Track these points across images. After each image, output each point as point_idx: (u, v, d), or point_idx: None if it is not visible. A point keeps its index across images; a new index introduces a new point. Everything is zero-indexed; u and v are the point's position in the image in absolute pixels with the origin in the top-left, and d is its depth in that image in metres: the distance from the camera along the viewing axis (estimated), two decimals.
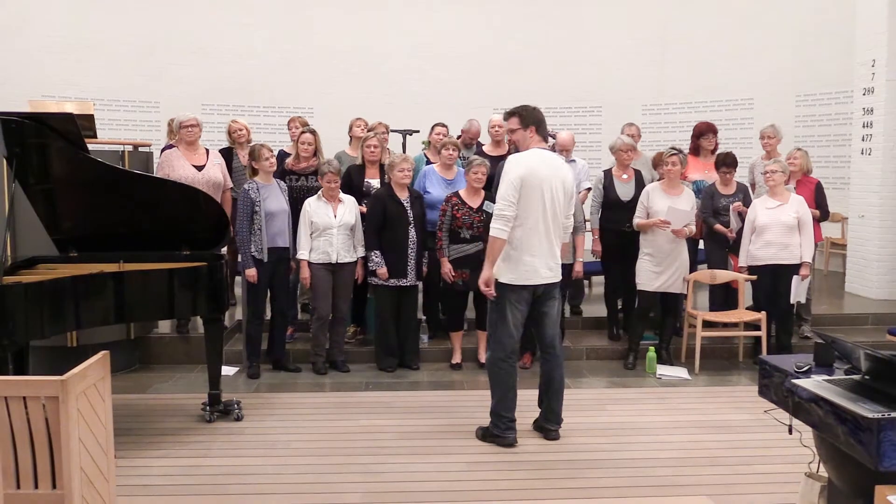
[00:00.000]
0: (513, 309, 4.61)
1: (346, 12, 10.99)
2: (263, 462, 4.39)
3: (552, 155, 4.75)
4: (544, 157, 4.61)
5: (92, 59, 10.12)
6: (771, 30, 10.24)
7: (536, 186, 4.50)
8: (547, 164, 4.59)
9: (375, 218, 6.02)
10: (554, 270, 4.64)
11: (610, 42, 11.06)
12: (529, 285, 4.59)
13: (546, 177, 4.53)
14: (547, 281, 4.61)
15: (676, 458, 4.47)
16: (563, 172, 4.66)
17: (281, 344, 6.21)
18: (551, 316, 4.72)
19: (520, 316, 4.64)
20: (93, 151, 4.74)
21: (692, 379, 6.10)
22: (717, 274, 6.53)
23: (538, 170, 4.53)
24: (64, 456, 3.11)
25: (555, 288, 4.70)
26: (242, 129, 6.93)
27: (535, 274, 4.57)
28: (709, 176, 6.89)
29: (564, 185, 4.63)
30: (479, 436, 4.77)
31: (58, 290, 4.25)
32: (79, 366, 3.26)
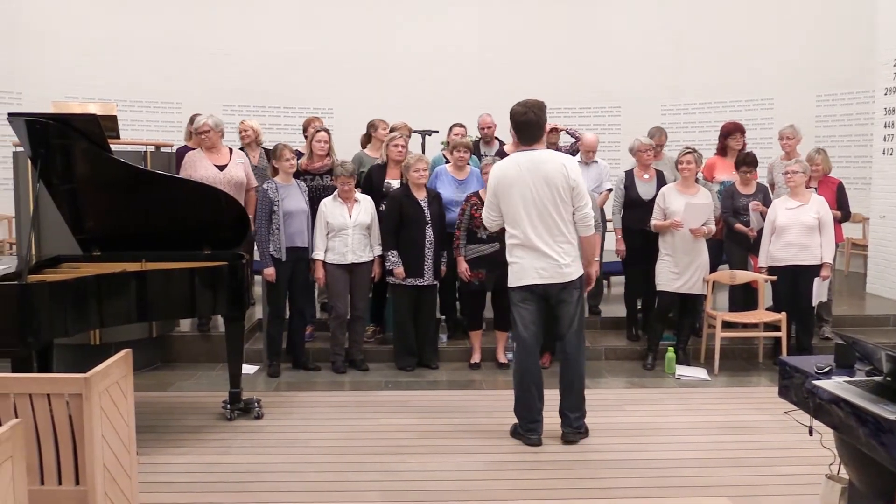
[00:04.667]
0: (518, 309, 4.66)
1: (365, 13, 11.02)
2: (283, 460, 4.42)
3: (532, 153, 4.55)
4: (519, 159, 4.56)
5: (115, 61, 10.22)
6: (791, 28, 10.15)
7: (507, 191, 4.51)
8: (522, 165, 4.52)
9: (392, 218, 6.03)
10: (551, 272, 4.52)
11: (628, 42, 11.01)
12: (523, 286, 4.59)
13: (516, 179, 4.49)
14: (543, 282, 4.54)
15: (696, 459, 4.45)
16: (544, 168, 4.47)
17: (300, 343, 6.24)
18: (562, 319, 4.66)
19: (527, 315, 4.63)
20: (115, 152, 4.79)
21: (711, 380, 6.07)
22: (736, 274, 6.49)
23: (507, 174, 4.53)
24: (87, 452, 3.14)
25: (562, 290, 4.58)
26: (248, 131, 6.95)
27: (525, 275, 4.56)
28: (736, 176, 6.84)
29: (549, 180, 4.45)
30: (511, 432, 4.79)
31: (81, 289, 4.30)
32: (102, 364, 3.29)
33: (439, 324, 6.58)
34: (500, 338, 6.33)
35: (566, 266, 4.54)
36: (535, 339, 4.69)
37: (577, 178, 4.53)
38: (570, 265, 4.56)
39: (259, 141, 7.03)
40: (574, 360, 4.70)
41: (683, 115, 10.94)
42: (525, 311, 4.63)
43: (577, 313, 4.66)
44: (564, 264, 4.53)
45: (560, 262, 4.52)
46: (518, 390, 4.73)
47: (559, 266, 4.52)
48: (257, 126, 7.08)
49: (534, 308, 4.63)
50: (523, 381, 4.70)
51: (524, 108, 4.60)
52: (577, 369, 4.72)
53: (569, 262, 4.55)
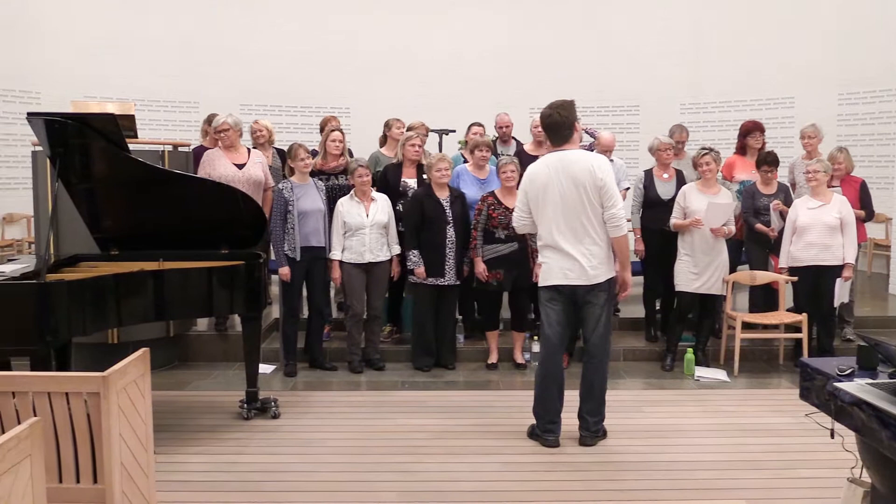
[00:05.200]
0: (545, 307, 4.66)
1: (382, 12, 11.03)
2: (299, 459, 4.42)
3: (562, 154, 4.52)
4: (548, 160, 4.55)
5: (132, 61, 10.29)
6: (812, 26, 10.06)
7: (537, 192, 4.53)
8: (551, 165, 4.51)
9: (413, 217, 6.02)
10: (578, 273, 4.49)
11: (646, 40, 10.95)
12: (551, 287, 4.58)
13: (545, 180, 4.48)
14: (571, 283, 4.52)
15: (715, 462, 4.41)
16: (572, 169, 4.43)
17: (317, 342, 6.24)
18: (588, 320, 4.63)
19: (554, 315, 4.62)
20: (133, 151, 4.81)
21: (731, 381, 6.01)
22: (757, 275, 6.43)
23: (537, 176, 4.54)
24: (105, 451, 3.15)
25: (588, 292, 4.55)
26: (263, 130, 6.96)
27: (552, 275, 4.56)
28: (755, 176, 6.77)
29: (576, 180, 4.42)
30: (528, 433, 4.78)
31: (99, 288, 4.31)
32: (120, 363, 3.30)
33: (457, 324, 6.56)
34: (517, 338, 6.31)
35: (592, 268, 4.50)
36: (559, 339, 4.68)
37: (606, 177, 4.46)
38: (597, 267, 4.51)
39: (271, 140, 7.03)
40: (597, 363, 4.67)
41: (703, 114, 10.86)
42: (551, 310, 4.63)
43: (603, 316, 4.62)
44: (590, 266, 4.49)
45: (585, 265, 4.48)
46: (539, 389, 4.72)
47: (585, 268, 4.49)
48: (270, 125, 7.09)
49: (560, 308, 4.62)
50: (545, 380, 4.68)
51: (550, 110, 4.59)
52: (600, 373, 4.69)
53: (595, 264, 4.50)
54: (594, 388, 4.68)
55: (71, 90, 8.98)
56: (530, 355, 6.36)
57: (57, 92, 9.36)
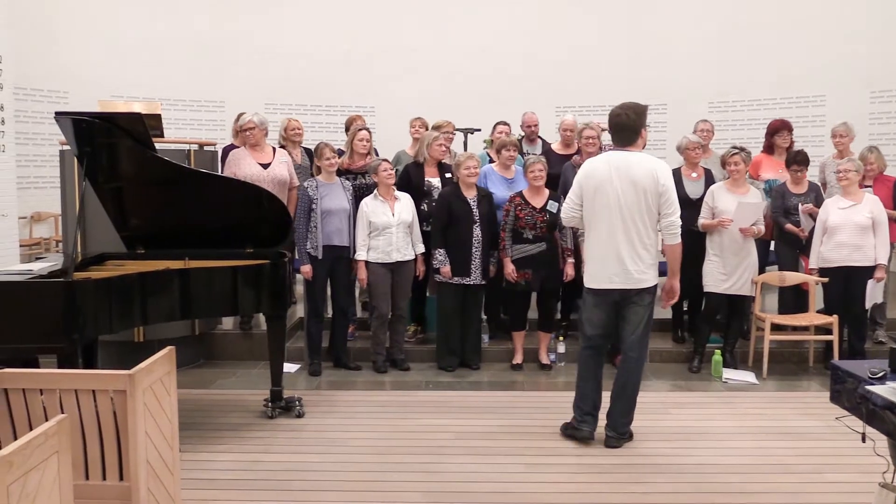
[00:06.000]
0: (588, 309, 4.64)
1: (407, 11, 11.02)
2: (323, 459, 4.42)
3: (625, 155, 4.48)
4: (610, 158, 4.51)
5: (159, 60, 10.36)
6: (843, 22, 9.90)
7: (593, 190, 4.46)
8: (611, 165, 4.46)
9: (441, 216, 6.01)
10: (623, 278, 4.45)
11: (673, 37, 10.83)
12: (599, 289, 4.54)
13: (605, 179, 4.43)
14: (617, 287, 4.48)
15: (743, 465, 4.35)
16: (633, 172, 4.41)
17: (341, 342, 6.25)
18: (630, 322, 4.57)
19: (595, 317, 4.61)
20: (160, 150, 4.83)
21: (760, 384, 5.93)
22: (786, 276, 6.34)
23: (596, 172, 4.48)
24: (131, 448, 3.17)
25: (636, 295, 4.50)
26: (299, 129, 6.97)
27: (599, 279, 4.52)
28: (782, 175, 6.70)
29: (637, 183, 4.38)
30: (561, 429, 4.77)
31: (126, 287, 4.35)
32: (146, 361, 3.32)
33: (482, 324, 6.54)
34: (543, 339, 6.27)
35: (639, 272, 4.45)
36: (601, 340, 4.68)
37: (668, 183, 4.44)
38: (644, 272, 4.47)
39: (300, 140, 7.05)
40: (633, 365, 4.63)
41: (731, 113, 10.71)
42: (594, 312, 4.62)
43: (645, 319, 4.59)
44: (637, 271, 4.45)
45: (632, 269, 4.44)
46: (578, 380, 4.73)
47: (631, 272, 4.45)
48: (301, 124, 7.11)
49: (603, 312, 4.60)
50: (584, 372, 4.69)
51: (620, 110, 4.55)
52: (634, 376, 4.64)
53: (643, 268, 4.46)
54: (627, 389, 4.64)
55: (98, 90, 9.05)
56: (556, 356, 6.32)
57: (84, 91, 9.44)
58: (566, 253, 6.06)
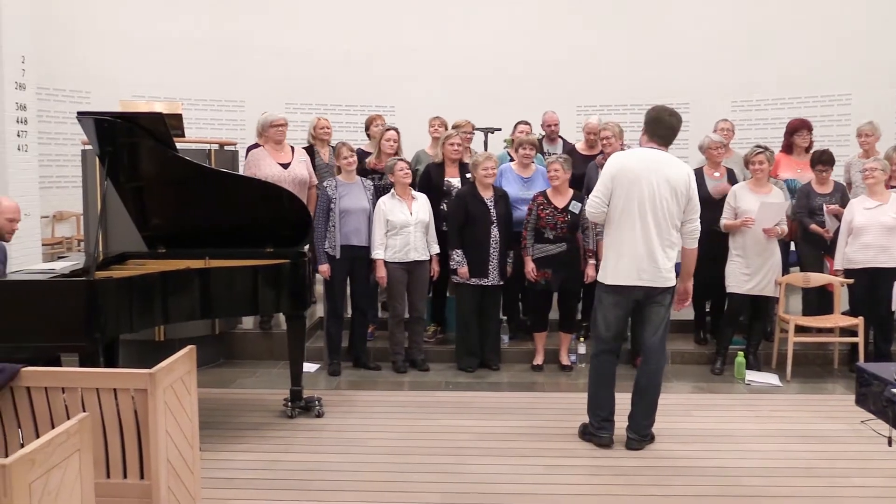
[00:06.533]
0: (606, 308, 4.57)
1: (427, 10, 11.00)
2: (343, 459, 4.41)
3: (658, 153, 4.47)
4: (644, 155, 4.47)
5: (180, 60, 10.40)
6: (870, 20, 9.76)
7: (627, 184, 4.39)
8: (646, 161, 4.42)
9: (457, 217, 5.98)
10: (652, 275, 4.41)
11: (696, 35, 10.71)
12: (622, 286, 4.48)
13: (641, 174, 4.38)
14: (643, 285, 4.44)
15: (766, 469, 4.29)
16: (668, 171, 4.40)
17: (361, 342, 6.24)
18: (652, 322, 4.55)
19: (613, 316, 4.56)
20: (181, 150, 4.84)
21: (783, 386, 5.87)
22: (811, 277, 6.27)
23: (632, 167, 4.42)
24: (152, 447, 3.18)
25: (659, 294, 4.48)
26: (328, 128, 6.96)
27: (627, 276, 4.45)
28: (801, 175, 6.63)
29: (671, 184, 4.37)
30: (579, 433, 4.74)
31: (147, 286, 4.36)
32: (166, 360, 3.33)
33: (501, 324, 6.51)
34: (563, 339, 6.24)
35: (668, 271, 4.46)
36: (615, 340, 4.64)
37: (695, 189, 4.51)
38: (671, 270, 4.48)
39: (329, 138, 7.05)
40: (655, 366, 4.60)
41: (755, 112, 10.59)
42: (612, 313, 4.56)
43: (666, 320, 4.57)
44: (667, 269, 4.45)
45: (662, 267, 4.43)
46: (593, 387, 4.67)
47: (660, 270, 4.43)
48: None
49: (621, 311, 4.57)
50: (598, 377, 4.63)
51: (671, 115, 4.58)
52: (655, 377, 4.61)
53: (670, 267, 4.47)
54: (649, 392, 4.60)
55: (120, 89, 9.12)
56: (576, 357, 6.28)
57: (106, 91, 9.50)
58: (588, 254, 6.01)
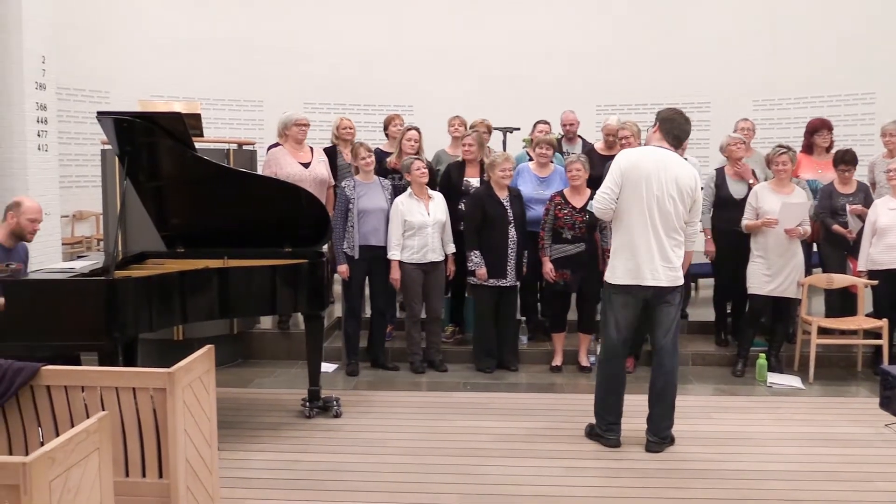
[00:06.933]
0: (616, 309, 4.53)
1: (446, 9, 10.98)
2: (361, 459, 4.39)
3: (668, 153, 4.45)
4: (655, 154, 4.44)
5: (198, 60, 10.45)
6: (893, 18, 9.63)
7: (637, 181, 4.36)
8: (656, 160, 4.39)
9: (475, 218, 5.95)
10: (662, 274, 4.39)
11: (717, 33, 10.62)
12: (632, 286, 4.44)
13: (651, 172, 4.35)
14: (653, 284, 4.41)
15: (788, 472, 4.24)
16: (677, 171, 4.38)
17: (379, 342, 6.23)
18: (663, 323, 4.52)
19: (622, 318, 4.52)
20: (199, 150, 4.84)
21: (806, 388, 5.79)
22: (834, 278, 6.19)
23: (641, 163, 4.38)
24: (170, 446, 3.17)
25: (668, 293, 4.45)
26: (351, 128, 6.95)
27: (637, 276, 4.41)
28: (822, 175, 6.56)
29: (679, 184, 4.36)
30: (586, 432, 4.71)
31: (165, 285, 4.37)
32: (185, 359, 3.32)
33: (520, 325, 6.48)
34: (583, 340, 6.20)
35: (677, 269, 4.44)
36: (624, 344, 4.61)
37: (700, 192, 4.53)
38: (679, 269, 4.47)
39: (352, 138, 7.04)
40: (669, 368, 4.56)
41: (777, 111, 10.47)
42: (621, 313, 4.53)
43: (677, 320, 4.55)
44: (676, 268, 4.43)
45: (673, 266, 4.42)
46: (601, 391, 4.65)
47: (673, 269, 4.41)
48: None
49: (631, 313, 4.53)
50: (608, 381, 4.61)
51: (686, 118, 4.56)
52: (671, 378, 4.57)
53: (678, 265, 4.46)
54: (666, 393, 4.56)
55: (138, 89, 9.16)
56: (595, 358, 6.23)
57: (125, 91, 9.57)
58: (606, 254, 5.95)
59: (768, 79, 10.52)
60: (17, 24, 7.17)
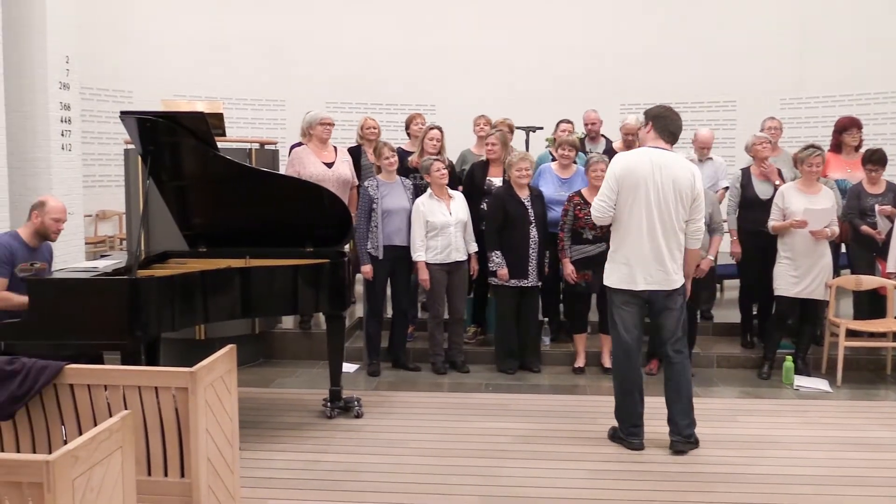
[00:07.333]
0: (619, 311, 4.53)
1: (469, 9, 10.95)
2: (382, 460, 4.38)
3: (664, 153, 4.41)
4: (650, 155, 4.39)
5: (221, 60, 10.49)
6: None
7: (633, 186, 4.34)
8: (653, 162, 4.35)
9: (496, 218, 5.92)
10: (657, 278, 4.39)
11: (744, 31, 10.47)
12: (630, 290, 4.44)
13: (647, 175, 4.32)
14: (650, 288, 4.40)
15: (815, 476, 4.17)
16: (674, 171, 4.34)
17: (401, 342, 6.21)
18: (666, 327, 4.51)
19: (629, 318, 4.51)
20: (222, 149, 4.85)
21: (833, 392, 5.71)
22: (863, 279, 6.09)
23: (637, 168, 4.35)
24: (192, 445, 3.17)
25: (667, 297, 4.44)
26: (375, 128, 6.94)
27: (631, 280, 4.42)
28: (851, 175, 6.46)
29: (676, 186, 4.33)
30: (609, 435, 4.68)
31: (188, 285, 4.37)
32: (207, 358, 3.32)
33: (542, 326, 6.43)
34: (605, 341, 6.13)
35: (674, 273, 4.43)
36: (636, 343, 4.57)
37: (701, 190, 4.48)
38: (678, 272, 4.46)
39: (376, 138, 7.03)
40: (681, 366, 4.54)
41: (805, 110, 10.31)
42: (627, 313, 4.51)
43: (682, 319, 4.53)
44: (672, 271, 4.42)
45: (669, 269, 4.40)
46: (619, 394, 4.63)
47: (667, 273, 4.40)
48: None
49: (636, 311, 4.51)
50: (625, 384, 4.58)
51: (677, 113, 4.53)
52: (686, 374, 4.55)
53: (676, 268, 4.44)
54: (682, 390, 4.53)
55: (162, 89, 9.21)
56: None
57: (148, 91, 9.62)
58: None
59: (796, 77, 10.37)
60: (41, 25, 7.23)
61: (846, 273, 6.46)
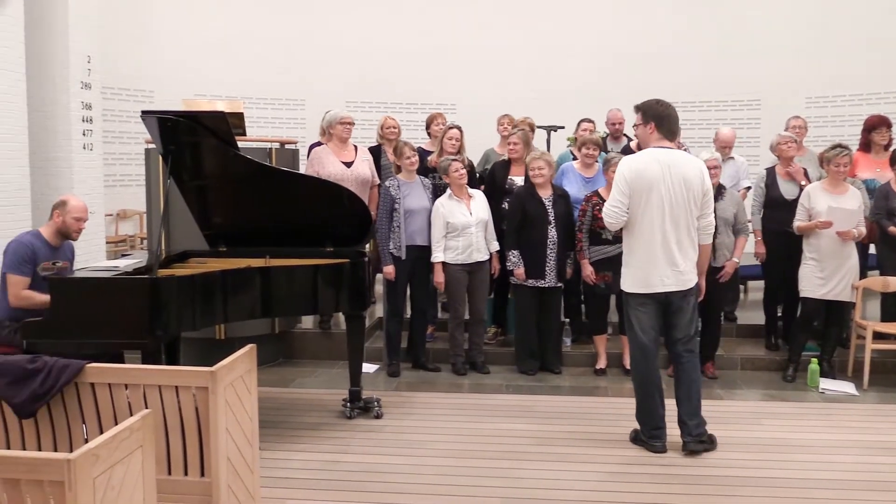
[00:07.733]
0: (636, 312, 4.51)
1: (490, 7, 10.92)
2: (401, 461, 4.36)
3: (670, 152, 4.39)
4: (657, 156, 4.36)
5: (241, 59, 10.54)
6: None
7: (644, 189, 4.31)
8: (661, 162, 4.32)
9: (515, 217, 5.89)
10: (672, 279, 4.36)
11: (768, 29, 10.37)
12: (647, 293, 4.42)
13: (658, 178, 4.29)
14: (666, 290, 4.38)
15: (841, 481, 4.11)
16: (684, 170, 4.32)
17: (421, 343, 6.19)
18: (679, 326, 4.49)
19: (646, 319, 4.48)
20: (242, 149, 4.85)
21: (860, 395, 5.63)
22: (890, 281, 5.99)
23: (647, 171, 4.33)
24: (212, 445, 3.17)
25: (681, 298, 4.42)
26: (395, 128, 6.93)
27: (647, 284, 4.40)
28: (880, 174, 6.35)
29: (687, 183, 4.30)
30: (631, 438, 4.65)
31: (208, 284, 4.37)
32: (227, 358, 3.31)
33: (563, 327, 6.38)
34: (626, 343, 6.06)
35: (688, 272, 4.41)
36: (654, 344, 4.54)
37: (709, 183, 4.49)
38: (692, 271, 4.44)
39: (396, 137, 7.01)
40: (690, 365, 4.52)
41: (831, 108, 10.19)
42: (643, 314, 4.49)
43: (693, 318, 4.53)
44: (687, 271, 4.40)
45: (683, 269, 4.38)
46: (639, 396, 4.61)
47: (682, 273, 4.38)
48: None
49: (652, 312, 4.48)
50: (644, 386, 4.56)
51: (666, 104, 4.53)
52: (696, 373, 4.54)
53: (691, 268, 4.43)
54: (693, 389, 4.51)
55: (182, 89, 9.25)
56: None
57: (169, 90, 9.68)
58: None
59: (822, 75, 10.23)
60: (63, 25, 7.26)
61: (875, 274, 6.37)
